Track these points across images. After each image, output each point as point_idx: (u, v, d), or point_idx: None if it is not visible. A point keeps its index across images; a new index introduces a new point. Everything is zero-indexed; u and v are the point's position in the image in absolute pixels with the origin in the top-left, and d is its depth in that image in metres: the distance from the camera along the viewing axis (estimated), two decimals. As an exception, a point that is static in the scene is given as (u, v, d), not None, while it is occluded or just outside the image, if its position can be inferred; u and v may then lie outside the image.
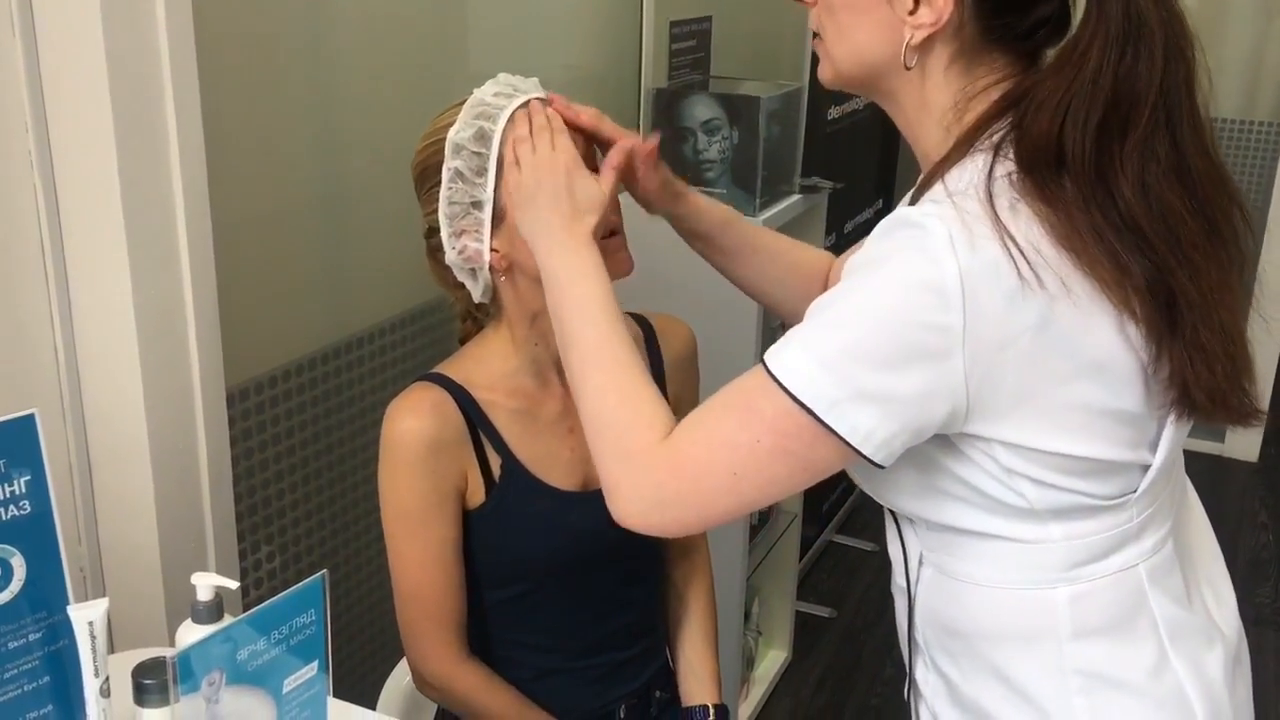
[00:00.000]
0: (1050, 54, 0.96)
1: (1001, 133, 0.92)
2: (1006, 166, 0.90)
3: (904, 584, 1.07)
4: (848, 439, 0.89)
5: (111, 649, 1.39)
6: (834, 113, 2.62)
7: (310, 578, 0.95)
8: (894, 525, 1.07)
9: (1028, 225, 0.88)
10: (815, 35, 1.03)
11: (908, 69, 0.96)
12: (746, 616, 2.61)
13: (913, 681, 1.11)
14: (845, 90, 1.06)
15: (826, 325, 0.91)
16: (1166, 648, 0.98)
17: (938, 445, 0.94)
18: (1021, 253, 0.86)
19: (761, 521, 2.59)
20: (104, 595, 1.39)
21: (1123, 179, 0.88)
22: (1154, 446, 0.97)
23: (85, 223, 1.25)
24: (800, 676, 2.81)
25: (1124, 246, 0.87)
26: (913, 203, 0.92)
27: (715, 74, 2.51)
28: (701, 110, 2.12)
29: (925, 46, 0.95)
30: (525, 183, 1.14)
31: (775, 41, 2.93)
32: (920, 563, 1.04)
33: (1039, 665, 0.98)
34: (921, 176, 0.99)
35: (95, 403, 1.32)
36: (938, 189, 0.92)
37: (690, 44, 2.40)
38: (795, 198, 2.29)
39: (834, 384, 0.88)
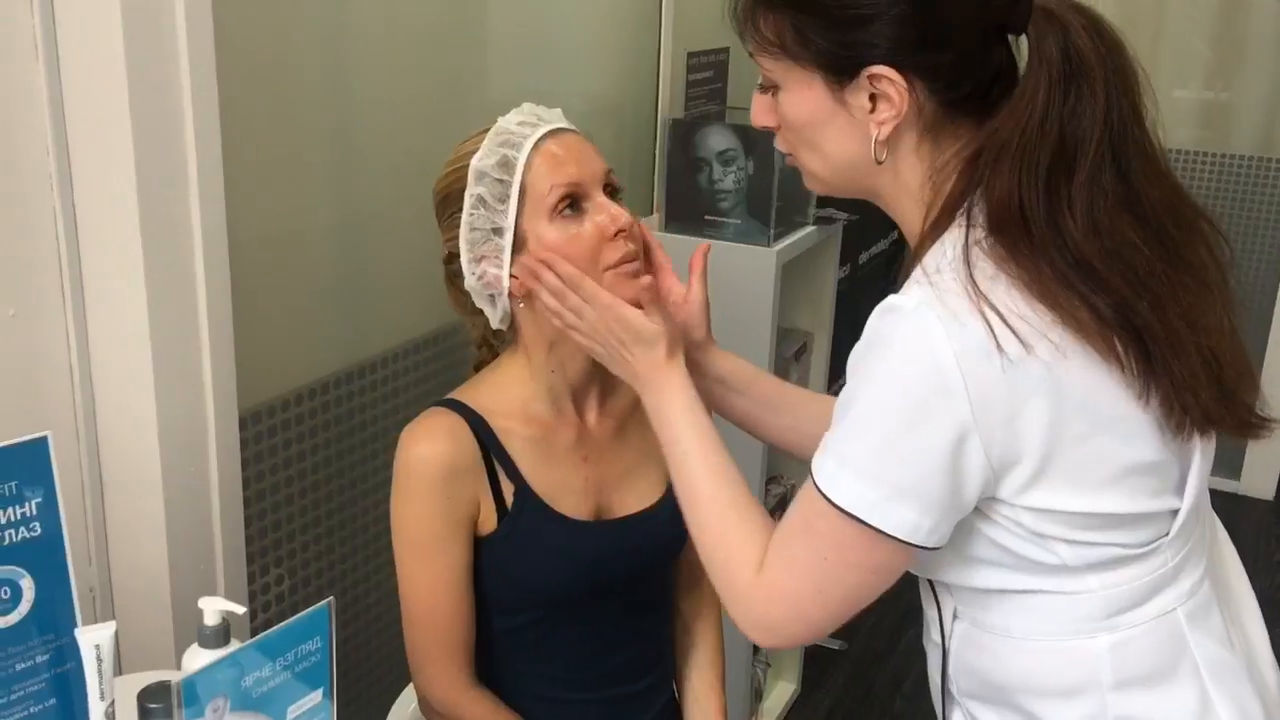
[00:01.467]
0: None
1: (970, 199, 0.94)
2: (978, 234, 0.91)
3: (938, 640, 1.07)
4: (897, 535, 0.92)
5: (119, 671, 1.39)
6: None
7: (317, 605, 0.95)
8: (928, 583, 1.07)
9: (1008, 292, 0.88)
10: (790, 156, 1.06)
11: (879, 163, 0.98)
12: (755, 648, 2.60)
13: None
14: (835, 195, 1.08)
15: (849, 433, 0.93)
16: (1209, 690, 0.98)
17: (970, 514, 0.95)
18: (1005, 323, 0.87)
19: (772, 552, 2.57)
20: (113, 616, 1.39)
21: (1071, 221, 0.89)
22: (1180, 489, 0.97)
23: (103, 246, 1.26)
24: (809, 709, 2.79)
25: (1085, 290, 0.88)
26: (899, 284, 0.94)
27: (732, 104, 2.52)
28: (717, 140, 2.13)
29: (893, 137, 0.97)
30: (593, 345, 1.17)
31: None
32: (955, 617, 1.05)
33: (1081, 716, 0.98)
34: (909, 257, 1.00)
35: (109, 424, 1.33)
36: (919, 269, 0.93)
37: (708, 74, 2.41)
38: (809, 229, 2.29)
39: (870, 488, 0.91)
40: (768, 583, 1.01)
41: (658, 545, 1.35)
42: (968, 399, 0.87)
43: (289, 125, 1.53)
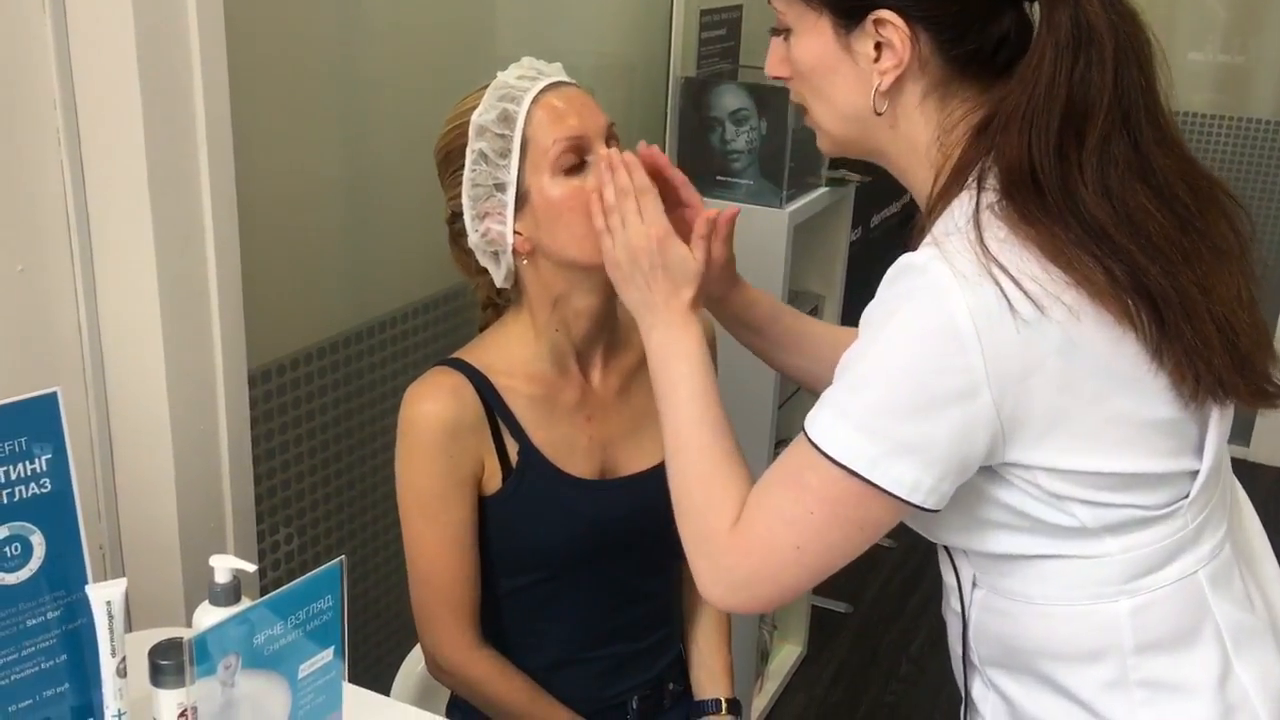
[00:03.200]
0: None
1: (981, 164, 0.93)
2: (990, 198, 0.91)
3: (959, 608, 1.07)
4: (895, 492, 0.91)
5: (129, 627, 1.40)
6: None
7: (329, 563, 0.95)
8: (945, 551, 1.07)
9: (1020, 254, 0.88)
10: (804, 110, 1.06)
11: (879, 114, 0.98)
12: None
13: (969, 702, 1.11)
14: (847, 155, 1.08)
15: (853, 386, 0.92)
16: (1230, 654, 0.98)
17: (983, 476, 0.95)
18: (1017, 284, 0.86)
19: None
20: (123, 573, 1.39)
21: (1083, 186, 0.89)
22: (1199, 451, 0.96)
23: (111, 202, 1.25)
24: (815, 672, 2.80)
25: (1100, 254, 0.88)
26: (913, 245, 0.93)
27: (745, 63, 2.49)
28: (730, 100, 2.11)
29: (896, 89, 0.97)
30: (620, 259, 1.13)
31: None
32: (974, 585, 1.04)
33: (1103, 680, 0.98)
34: (919, 218, 1.00)
35: (118, 381, 1.32)
36: (936, 228, 0.93)
37: (720, 33, 2.39)
38: (822, 190, 2.28)
39: (871, 442, 0.90)
40: (745, 534, 0.99)
41: (662, 504, 1.34)
42: (981, 354, 0.86)
43: (298, 83, 1.52)
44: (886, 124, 0.99)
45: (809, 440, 0.93)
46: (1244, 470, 3.81)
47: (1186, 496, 0.96)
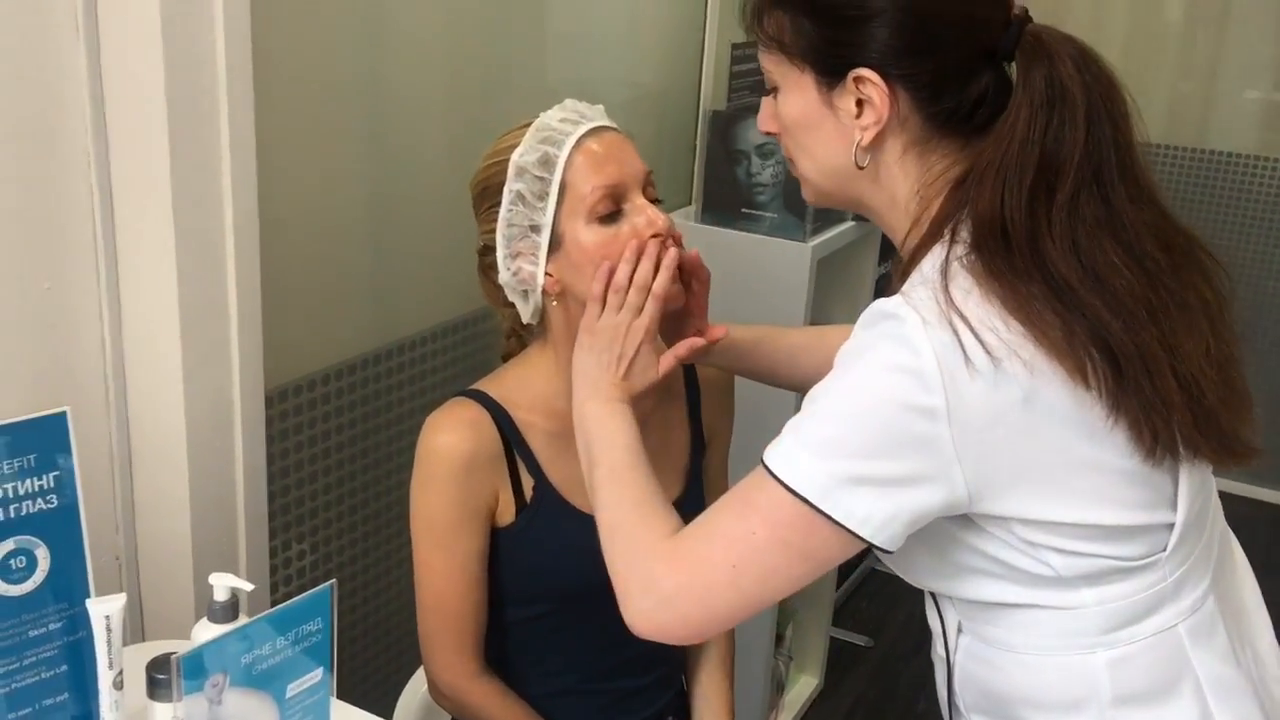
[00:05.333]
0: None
1: (957, 217, 0.95)
2: (960, 250, 0.93)
3: (943, 653, 1.07)
4: (844, 524, 0.91)
5: (143, 637, 1.43)
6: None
7: (319, 586, 0.97)
8: (931, 597, 1.08)
9: (983, 307, 0.89)
10: (792, 163, 1.08)
11: (860, 169, 1.00)
12: (780, 640, 2.60)
13: None
14: (831, 206, 1.11)
15: (815, 416, 0.93)
16: (1211, 709, 0.97)
17: (960, 525, 0.95)
18: (976, 335, 0.88)
19: (799, 547, 2.57)
20: (138, 585, 1.42)
21: (1051, 241, 0.90)
22: (1173, 504, 0.96)
23: (136, 223, 1.29)
24: (831, 705, 2.79)
25: (1064, 309, 0.89)
26: (890, 294, 0.95)
27: (777, 97, 2.51)
28: (756, 134, 2.12)
29: (877, 144, 1.00)
30: (599, 332, 1.17)
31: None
32: (959, 631, 1.05)
33: None
34: (898, 270, 1.01)
35: (138, 397, 1.36)
36: (907, 281, 0.95)
37: (752, 65, 2.41)
38: (848, 224, 2.28)
39: (824, 471, 0.91)
40: (679, 547, 0.98)
41: None
42: (945, 398, 0.87)
43: (324, 105, 1.55)
44: (868, 178, 1.01)
45: (765, 466, 0.94)
46: (1248, 507, 3.73)
47: (1164, 550, 0.96)
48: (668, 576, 0.98)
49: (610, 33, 2.13)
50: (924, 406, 0.88)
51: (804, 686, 2.78)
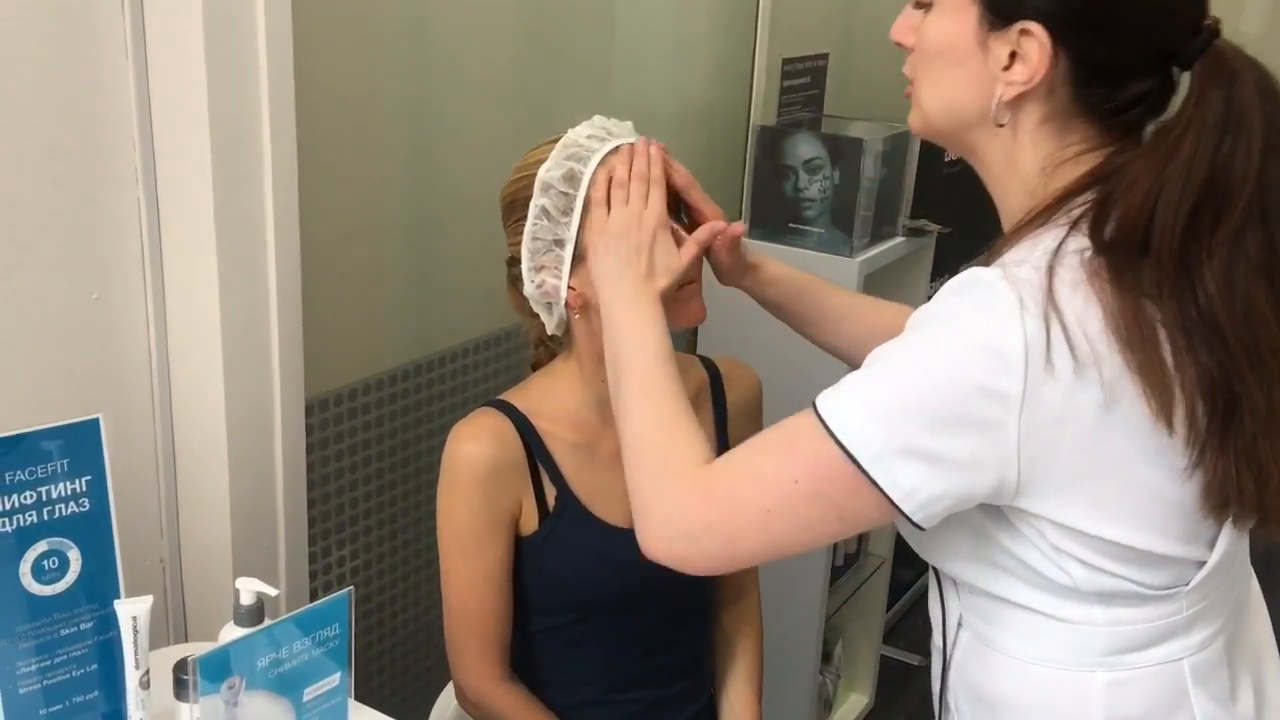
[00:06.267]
0: (1149, 131, 0.94)
1: (1083, 208, 0.90)
2: (1080, 243, 0.88)
3: (940, 644, 1.06)
4: (889, 493, 0.87)
5: (186, 638, 1.47)
6: (951, 155, 2.57)
7: (337, 593, 0.99)
8: (936, 585, 1.06)
9: (1084, 306, 0.85)
10: (910, 82, 1.03)
11: (999, 126, 0.95)
12: (828, 658, 2.58)
13: None
14: (933, 141, 1.05)
15: (882, 376, 0.89)
16: None
17: (990, 515, 0.93)
18: (1066, 334, 0.83)
19: (847, 563, 2.56)
20: (181, 587, 1.46)
21: (1208, 272, 0.85)
22: (1212, 544, 0.93)
23: (182, 236, 1.33)
24: (882, 724, 2.76)
25: (1190, 345, 0.84)
26: (986, 263, 0.91)
27: (829, 112, 2.50)
28: (804, 149, 2.12)
29: (1016, 104, 0.94)
30: (611, 229, 1.16)
31: (896, 81, 2.90)
32: (959, 625, 1.03)
33: None
34: (1000, 239, 0.97)
35: (183, 403, 1.40)
36: (1010, 254, 0.90)
37: (804, 80, 2.40)
38: (898, 240, 2.27)
39: (882, 435, 0.87)
40: (711, 480, 0.94)
41: None
42: (1023, 385, 0.83)
43: (367, 123, 1.57)
44: (992, 133, 0.96)
45: (816, 414, 0.89)
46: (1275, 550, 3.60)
47: (1187, 584, 0.93)
48: (697, 511, 0.94)
49: (661, 48, 2.13)
50: (999, 391, 0.84)
51: (854, 704, 2.76)
